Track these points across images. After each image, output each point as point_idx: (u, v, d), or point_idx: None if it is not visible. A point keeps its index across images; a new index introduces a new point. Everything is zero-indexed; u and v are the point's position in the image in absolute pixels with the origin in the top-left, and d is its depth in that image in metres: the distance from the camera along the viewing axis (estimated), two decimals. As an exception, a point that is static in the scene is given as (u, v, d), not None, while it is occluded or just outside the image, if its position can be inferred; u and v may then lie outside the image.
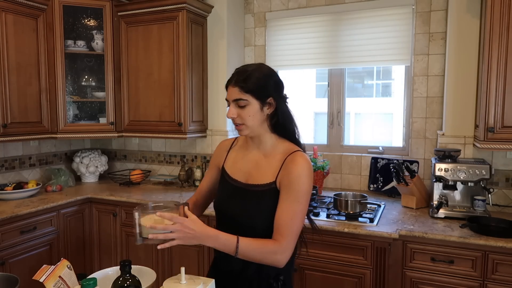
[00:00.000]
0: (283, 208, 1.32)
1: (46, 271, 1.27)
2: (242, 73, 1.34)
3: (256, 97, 1.33)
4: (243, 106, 1.33)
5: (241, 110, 1.34)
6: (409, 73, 2.92)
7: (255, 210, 1.37)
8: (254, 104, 1.33)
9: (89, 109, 3.41)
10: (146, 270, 1.41)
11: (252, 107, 1.33)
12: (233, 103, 1.35)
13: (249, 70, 1.35)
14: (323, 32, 3.13)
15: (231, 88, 1.34)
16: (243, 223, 1.37)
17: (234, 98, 1.34)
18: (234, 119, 1.36)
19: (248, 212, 1.37)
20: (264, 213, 1.35)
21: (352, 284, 2.23)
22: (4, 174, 3.07)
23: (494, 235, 2.02)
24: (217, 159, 1.56)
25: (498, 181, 2.56)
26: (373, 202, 2.60)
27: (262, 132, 1.40)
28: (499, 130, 2.17)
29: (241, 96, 1.32)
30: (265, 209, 1.35)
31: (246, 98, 1.32)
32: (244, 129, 1.37)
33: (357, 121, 3.65)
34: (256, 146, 1.44)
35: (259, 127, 1.38)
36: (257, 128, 1.38)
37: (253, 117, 1.35)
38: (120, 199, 2.92)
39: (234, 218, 1.39)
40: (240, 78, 1.33)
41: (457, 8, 2.56)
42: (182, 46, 2.94)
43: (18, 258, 2.52)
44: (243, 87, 1.32)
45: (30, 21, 2.83)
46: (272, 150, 1.42)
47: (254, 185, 1.39)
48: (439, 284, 2.08)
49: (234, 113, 1.35)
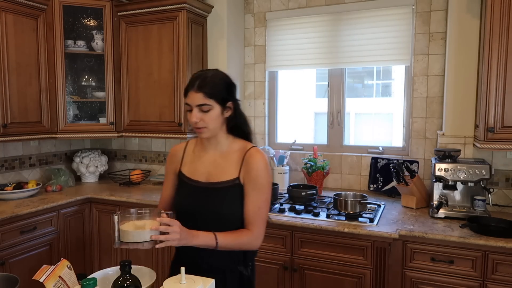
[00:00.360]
0: (251, 200, 1.45)
1: (46, 271, 1.27)
2: (204, 79, 1.41)
3: (218, 102, 1.42)
4: (206, 110, 1.41)
5: (204, 115, 1.42)
6: (409, 73, 2.92)
7: (219, 204, 1.46)
8: (216, 109, 1.43)
9: (89, 109, 3.41)
10: (146, 270, 1.41)
11: (214, 112, 1.42)
12: (197, 108, 1.41)
13: (209, 76, 1.44)
14: (323, 32, 3.13)
15: (194, 94, 1.40)
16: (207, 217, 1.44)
17: (198, 103, 1.40)
18: (197, 123, 1.42)
19: (212, 207, 1.45)
20: (228, 206, 1.46)
21: (352, 284, 2.23)
22: (4, 174, 3.07)
23: (494, 235, 2.02)
24: (172, 166, 1.61)
25: (498, 181, 2.56)
26: (373, 202, 2.60)
27: (220, 133, 1.49)
28: (499, 130, 2.17)
29: (205, 101, 1.40)
30: (230, 203, 1.46)
31: (210, 103, 1.41)
32: (205, 132, 1.44)
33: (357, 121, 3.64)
34: (213, 147, 1.53)
35: (218, 129, 1.47)
36: (216, 131, 1.47)
37: (215, 120, 1.43)
38: (120, 199, 2.92)
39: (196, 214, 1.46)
40: (203, 84, 1.40)
41: (457, 8, 2.56)
42: (182, 46, 2.94)
43: (18, 258, 2.52)
44: (207, 93, 1.40)
45: (30, 21, 2.83)
46: (228, 149, 1.52)
47: (216, 182, 1.48)
48: (439, 284, 2.08)
49: (198, 117, 1.41)
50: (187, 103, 1.44)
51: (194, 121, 1.42)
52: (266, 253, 2.41)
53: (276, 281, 2.41)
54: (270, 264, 2.41)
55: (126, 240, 1.30)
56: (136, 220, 1.35)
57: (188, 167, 1.55)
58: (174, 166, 1.60)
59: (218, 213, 1.44)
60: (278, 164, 3.12)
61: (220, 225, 1.43)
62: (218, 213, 1.44)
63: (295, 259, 2.35)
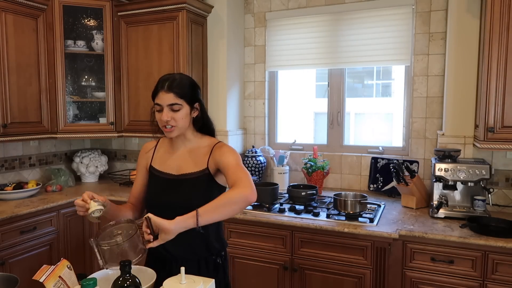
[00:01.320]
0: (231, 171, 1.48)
1: (46, 271, 1.27)
2: (173, 81, 1.50)
3: (187, 102, 1.52)
4: (177, 110, 1.50)
5: (174, 114, 1.50)
6: (409, 73, 2.92)
7: (190, 192, 1.54)
8: (185, 108, 1.52)
9: (89, 109, 3.41)
10: (146, 270, 1.41)
11: (183, 111, 1.51)
12: (167, 107, 1.49)
13: (177, 78, 1.53)
14: (323, 32, 3.13)
15: (165, 94, 1.48)
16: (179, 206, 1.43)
17: (170, 103, 1.48)
18: (168, 121, 1.50)
19: (184, 196, 1.53)
20: (200, 194, 1.52)
21: (352, 284, 2.23)
22: (4, 174, 3.07)
23: (494, 235, 2.02)
24: (143, 161, 1.71)
25: (498, 181, 2.56)
26: (373, 202, 2.60)
27: (188, 131, 1.59)
28: (499, 130, 2.17)
29: (176, 101, 1.49)
30: (201, 191, 1.53)
31: (181, 103, 1.50)
32: (174, 130, 1.53)
33: (357, 121, 3.64)
34: (181, 144, 1.62)
35: (185, 128, 1.56)
36: (184, 129, 1.56)
37: (184, 120, 1.52)
38: (120, 199, 2.91)
39: (168, 205, 1.51)
40: (173, 85, 1.49)
41: (457, 8, 2.56)
42: (182, 46, 2.94)
43: (18, 258, 2.52)
44: (178, 93, 1.49)
45: (30, 21, 2.83)
46: (197, 144, 1.62)
47: (186, 174, 1.57)
48: (439, 284, 2.08)
49: (169, 116, 1.49)
50: (157, 103, 1.51)
51: (166, 119, 1.49)
52: (266, 253, 2.42)
53: (276, 281, 2.41)
54: (270, 264, 2.41)
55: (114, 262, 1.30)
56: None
57: (159, 162, 1.65)
58: (146, 162, 1.70)
59: (188, 201, 1.48)
60: (278, 164, 3.12)
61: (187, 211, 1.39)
62: (189, 202, 1.47)
63: (295, 259, 2.35)
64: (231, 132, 3.26)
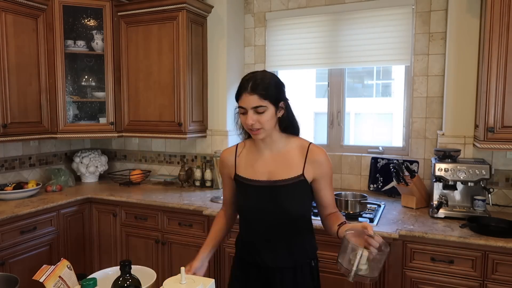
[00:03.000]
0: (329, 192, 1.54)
1: (46, 271, 1.27)
2: (255, 81, 1.41)
3: (272, 103, 1.43)
4: (261, 112, 1.41)
5: (259, 116, 1.41)
6: (409, 73, 2.92)
7: (286, 201, 1.47)
8: (271, 110, 1.43)
9: (89, 109, 3.41)
10: (146, 270, 1.41)
11: (269, 112, 1.42)
12: (252, 110, 1.41)
13: (259, 77, 1.43)
14: (323, 32, 3.13)
15: (249, 96, 1.40)
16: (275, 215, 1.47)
17: (254, 106, 1.40)
18: (253, 125, 1.42)
19: (279, 204, 1.47)
20: (297, 203, 1.48)
21: (352, 284, 2.23)
22: (4, 174, 3.07)
23: (494, 235, 2.02)
24: (226, 171, 1.63)
25: (498, 181, 2.56)
26: (373, 202, 2.60)
27: (274, 133, 1.50)
28: (499, 130, 2.17)
29: (260, 103, 1.40)
30: (297, 199, 1.48)
31: (265, 105, 1.41)
32: (261, 133, 1.45)
33: (357, 121, 3.64)
34: (268, 147, 1.53)
35: (272, 129, 1.48)
36: (271, 131, 1.48)
37: (270, 121, 1.44)
38: (120, 199, 2.92)
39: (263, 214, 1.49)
40: (256, 86, 1.40)
41: (457, 8, 2.56)
42: (182, 46, 2.94)
43: (18, 258, 2.52)
44: (262, 94, 1.40)
45: (30, 21, 2.83)
46: (286, 147, 1.53)
47: (280, 180, 1.49)
48: (439, 284, 2.08)
49: (254, 119, 1.41)
50: (241, 106, 1.44)
51: (251, 123, 1.41)
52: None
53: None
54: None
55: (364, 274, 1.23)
56: None
57: (245, 169, 1.56)
58: (228, 171, 1.61)
59: (286, 209, 1.46)
60: (278, 164, 3.12)
61: (288, 222, 1.48)
62: (286, 209, 1.46)
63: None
64: (231, 132, 3.26)
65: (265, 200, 1.49)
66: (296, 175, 1.49)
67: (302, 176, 1.49)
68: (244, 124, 1.46)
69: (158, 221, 2.81)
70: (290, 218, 1.48)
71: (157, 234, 2.81)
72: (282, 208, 1.47)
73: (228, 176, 1.62)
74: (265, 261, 1.50)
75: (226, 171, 1.62)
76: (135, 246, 2.91)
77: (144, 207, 2.85)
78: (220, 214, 1.71)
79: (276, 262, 1.50)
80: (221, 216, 1.70)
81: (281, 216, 1.47)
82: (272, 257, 1.50)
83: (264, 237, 1.51)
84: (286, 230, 1.49)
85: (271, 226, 1.49)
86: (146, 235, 2.86)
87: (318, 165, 1.51)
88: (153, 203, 2.80)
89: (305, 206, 1.52)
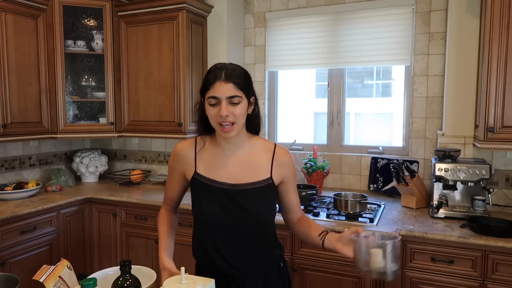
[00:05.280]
0: (294, 195, 1.48)
1: (46, 271, 1.27)
2: (229, 70, 1.27)
3: (246, 95, 1.29)
4: (236, 103, 1.26)
5: (233, 108, 1.26)
6: (409, 73, 2.92)
7: (259, 207, 1.37)
8: (244, 102, 1.29)
9: (89, 109, 3.41)
10: (146, 270, 1.41)
11: (243, 105, 1.28)
12: (226, 100, 1.24)
13: (232, 67, 1.29)
14: (323, 32, 3.13)
15: (224, 84, 1.24)
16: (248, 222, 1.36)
17: (229, 95, 1.24)
18: (227, 117, 1.25)
19: (253, 210, 1.35)
20: (267, 207, 1.39)
21: (352, 284, 2.23)
22: (4, 174, 3.07)
23: (494, 235, 2.02)
24: (180, 166, 1.44)
25: (498, 181, 2.56)
26: (373, 202, 2.60)
27: (241, 131, 1.35)
28: (499, 130, 2.17)
29: (236, 92, 1.25)
30: (267, 204, 1.39)
31: (240, 95, 1.26)
32: (234, 129, 1.28)
33: (357, 121, 3.64)
34: (232, 147, 1.38)
35: (242, 126, 1.33)
36: (241, 128, 1.33)
37: (243, 116, 1.29)
38: (120, 199, 2.92)
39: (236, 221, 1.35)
40: (231, 74, 1.25)
41: (457, 8, 2.56)
42: (182, 46, 2.94)
43: (18, 258, 2.52)
44: (237, 83, 1.25)
45: (30, 21, 2.83)
46: (251, 148, 1.40)
47: (247, 183, 1.36)
48: (439, 284, 2.08)
49: (229, 110, 1.24)
50: (213, 96, 1.25)
51: (225, 114, 1.24)
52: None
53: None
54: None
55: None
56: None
57: (206, 169, 1.39)
58: (183, 168, 1.43)
59: (256, 214, 1.36)
60: (278, 164, 3.12)
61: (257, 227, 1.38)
62: (256, 215, 1.36)
63: (295, 259, 2.35)
64: (231, 132, 3.26)
65: (232, 204, 1.34)
66: (264, 178, 1.37)
67: (270, 179, 1.38)
68: (214, 118, 1.27)
69: (158, 221, 2.80)
70: (260, 224, 1.38)
71: (157, 234, 2.80)
72: (252, 213, 1.34)
73: (181, 173, 1.44)
74: (233, 269, 1.37)
75: (180, 167, 1.44)
76: (135, 246, 2.91)
77: (144, 207, 2.85)
78: (164, 212, 1.55)
79: (245, 269, 1.38)
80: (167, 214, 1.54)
81: (250, 222, 1.35)
82: (240, 265, 1.37)
83: (230, 244, 1.37)
84: (255, 235, 1.38)
85: (238, 232, 1.36)
86: (146, 235, 2.86)
87: (286, 167, 1.42)
88: (153, 203, 2.80)
89: (274, 210, 1.43)
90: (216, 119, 1.27)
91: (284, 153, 1.43)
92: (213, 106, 1.27)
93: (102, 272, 1.38)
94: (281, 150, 1.43)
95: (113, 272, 1.38)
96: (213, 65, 1.31)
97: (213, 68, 1.30)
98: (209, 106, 1.28)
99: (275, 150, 1.42)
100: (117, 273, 1.21)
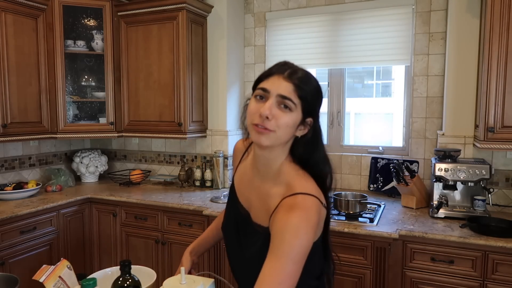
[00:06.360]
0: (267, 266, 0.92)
1: (46, 271, 1.27)
2: (295, 71, 1.03)
3: (303, 108, 1.00)
4: (287, 108, 0.99)
5: (280, 113, 0.98)
6: (409, 73, 2.92)
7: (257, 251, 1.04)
8: (297, 114, 1.00)
9: (89, 109, 3.41)
10: (146, 270, 1.41)
11: (293, 116, 1.00)
12: (276, 98, 0.98)
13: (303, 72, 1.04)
14: (323, 32, 3.13)
15: (282, 80, 1.00)
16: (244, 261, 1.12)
17: (283, 94, 0.98)
18: (267, 117, 0.97)
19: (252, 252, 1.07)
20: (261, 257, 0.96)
21: (352, 284, 2.23)
22: (4, 174, 3.07)
23: (494, 235, 2.02)
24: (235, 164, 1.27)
25: (498, 181, 2.56)
26: (373, 202, 2.60)
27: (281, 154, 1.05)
28: (499, 130, 2.17)
29: (292, 96, 0.98)
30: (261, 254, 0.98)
31: (296, 103, 0.99)
32: (271, 137, 0.99)
33: (357, 121, 3.64)
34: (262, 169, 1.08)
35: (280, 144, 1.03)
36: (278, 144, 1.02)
37: (288, 129, 1.00)
38: (120, 199, 2.92)
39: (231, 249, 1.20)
40: (295, 75, 1.01)
41: (457, 8, 2.56)
42: (182, 46, 2.94)
43: (18, 258, 2.52)
44: (300, 88, 0.99)
45: (30, 21, 2.83)
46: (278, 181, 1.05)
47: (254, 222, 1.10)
48: (439, 284, 2.08)
49: (273, 112, 0.97)
50: (263, 88, 1.00)
51: (267, 113, 0.97)
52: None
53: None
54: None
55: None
56: None
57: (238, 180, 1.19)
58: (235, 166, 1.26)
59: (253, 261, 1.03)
60: (278, 164, 3.12)
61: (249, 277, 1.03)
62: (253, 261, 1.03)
63: None
64: (231, 132, 3.26)
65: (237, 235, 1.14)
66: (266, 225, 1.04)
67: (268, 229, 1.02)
68: (251, 115, 1.00)
69: (158, 221, 2.81)
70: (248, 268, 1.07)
71: (157, 234, 2.81)
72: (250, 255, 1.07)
73: None
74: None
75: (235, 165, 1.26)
76: (135, 246, 2.91)
77: (144, 207, 2.85)
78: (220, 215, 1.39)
79: None
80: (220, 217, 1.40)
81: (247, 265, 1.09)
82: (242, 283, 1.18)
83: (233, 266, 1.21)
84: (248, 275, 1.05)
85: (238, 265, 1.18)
86: (146, 235, 2.86)
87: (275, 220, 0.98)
88: (153, 203, 2.80)
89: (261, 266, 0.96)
90: (253, 117, 1.00)
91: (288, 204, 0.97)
92: (257, 100, 1.01)
93: (102, 272, 1.38)
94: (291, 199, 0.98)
95: (113, 272, 1.38)
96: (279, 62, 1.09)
97: (277, 64, 1.08)
98: (253, 99, 1.03)
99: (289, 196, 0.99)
100: (117, 273, 1.21)
